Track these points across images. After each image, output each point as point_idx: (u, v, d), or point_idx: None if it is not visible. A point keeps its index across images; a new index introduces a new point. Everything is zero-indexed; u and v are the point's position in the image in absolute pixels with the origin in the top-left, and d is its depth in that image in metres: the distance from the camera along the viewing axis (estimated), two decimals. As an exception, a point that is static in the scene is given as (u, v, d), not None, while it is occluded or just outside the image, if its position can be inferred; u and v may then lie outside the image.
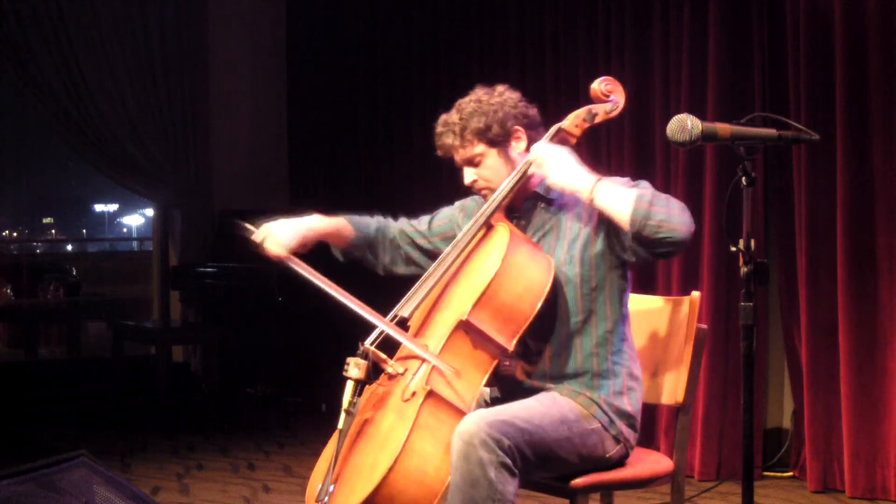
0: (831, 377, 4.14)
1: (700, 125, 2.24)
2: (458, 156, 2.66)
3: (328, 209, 2.84)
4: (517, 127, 2.63)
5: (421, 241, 2.83)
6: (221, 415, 6.09)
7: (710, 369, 4.39)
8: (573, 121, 2.65)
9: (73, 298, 8.83)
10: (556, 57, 5.18)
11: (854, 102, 4.02)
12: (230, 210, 6.98)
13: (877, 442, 4.00)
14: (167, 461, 4.97)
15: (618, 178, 2.54)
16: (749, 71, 4.37)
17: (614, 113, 2.68)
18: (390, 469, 2.28)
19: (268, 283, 5.90)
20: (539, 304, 2.48)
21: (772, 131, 2.31)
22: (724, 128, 2.27)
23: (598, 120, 2.67)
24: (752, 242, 2.27)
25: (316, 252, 2.77)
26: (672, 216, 2.38)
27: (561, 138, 2.65)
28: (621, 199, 2.42)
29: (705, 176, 4.46)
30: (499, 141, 2.61)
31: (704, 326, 2.78)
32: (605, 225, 2.52)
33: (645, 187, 2.47)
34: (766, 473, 4.43)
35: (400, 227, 2.85)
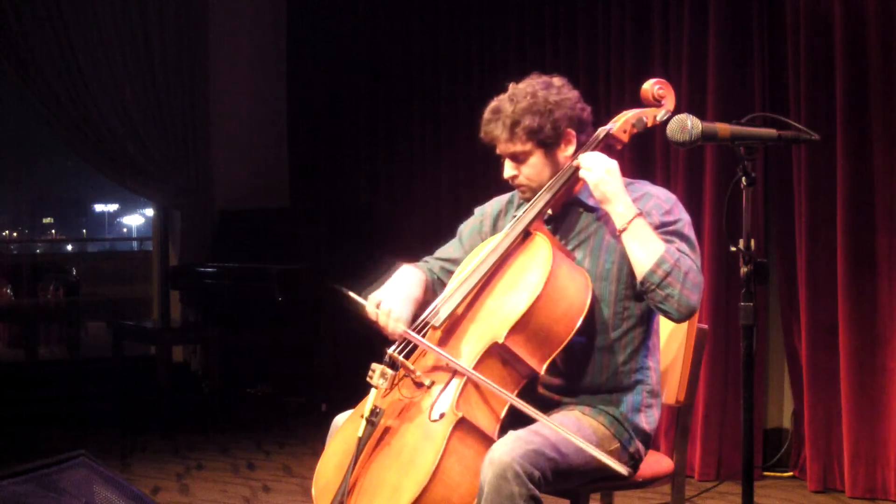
0: (831, 377, 4.14)
1: (700, 125, 2.23)
2: (503, 149, 2.54)
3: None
4: (570, 130, 2.52)
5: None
6: (221, 415, 6.09)
7: (710, 369, 4.39)
8: (622, 125, 2.55)
9: (73, 298, 8.83)
10: (557, 57, 5.19)
11: (854, 102, 4.02)
12: (230, 210, 6.99)
13: (877, 442, 4.00)
14: (167, 461, 4.97)
15: (660, 202, 2.48)
16: (749, 71, 4.36)
17: (665, 119, 2.54)
18: (418, 497, 2.23)
19: (268, 283, 5.90)
20: (577, 326, 2.41)
21: (772, 131, 2.31)
22: (724, 128, 2.26)
23: (647, 126, 2.57)
24: (752, 242, 2.26)
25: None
26: (682, 296, 2.37)
27: (607, 144, 2.55)
28: (646, 250, 2.37)
29: (705, 176, 4.46)
30: (549, 143, 2.51)
31: (704, 326, 2.78)
32: None
33: (672, 246, 2.41)
34: (766, 473, 4.43)
35: (441, 266, 2.73)
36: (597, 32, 4.97)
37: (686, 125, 2.24)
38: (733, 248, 2.28)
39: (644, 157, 4.72)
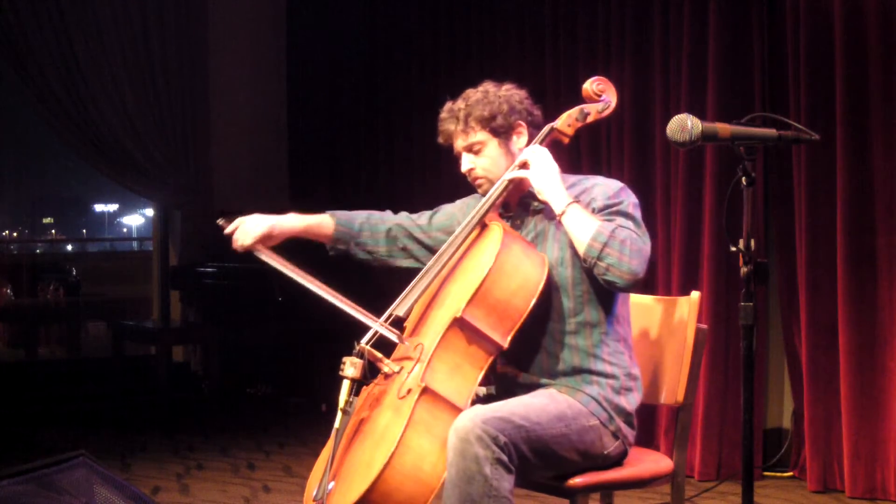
0: (831, 377, 4.14)
1: (700, 125, 2.23)
2: (459, 142, 2.69)
3: (328, 209, 2.85)
4: (520, 122, 2.67)
5: (419, 235, 2.83)
6: (221, 415, 6.09)
7: (710, 369, 4.39)
8: (566, 120, 2.69)
9: (73, 298, 8.83)
10: (556, 57, 5.19)
11: (854, 102, 4.02)
12: (230, 210, 6.99)
13: (877, 442, 4.00)
14: (167, 461, 4.97)
15: (606, 189, 2.57)
16: (749, 71, 4.37)
17: (606, 112, 2.71)
18: (386, 465, 2.29)
19: (268, 283, 5.90)
20: (533, 301, 2.50)
21: (772, 131, 2.31)
22: (724, 128, 2.27)
23: (590, 119, 2.70)
24: (752, 242, 2.26)
25: (306, 249, 2.78)
26: (622, 262, 2.43)
27: (553, 138, 2.68)
28: (583, 230, 2.47)
29: (705, 176, 4.46)
30: (501, 132, 2.65)
31: (704, 326, 2.78)
32: None
33: (612, 222, 2.48)
34: (766, 473, 4.43)
35: (397, 220, 2.87)
36: (597, 32, 4.97)
37: (686, 125, 2.24)
38: (733, 248, 2.28)
39: (644, 157, 4.73)
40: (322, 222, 2.82)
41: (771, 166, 4.40)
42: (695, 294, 2.76)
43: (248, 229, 2.74)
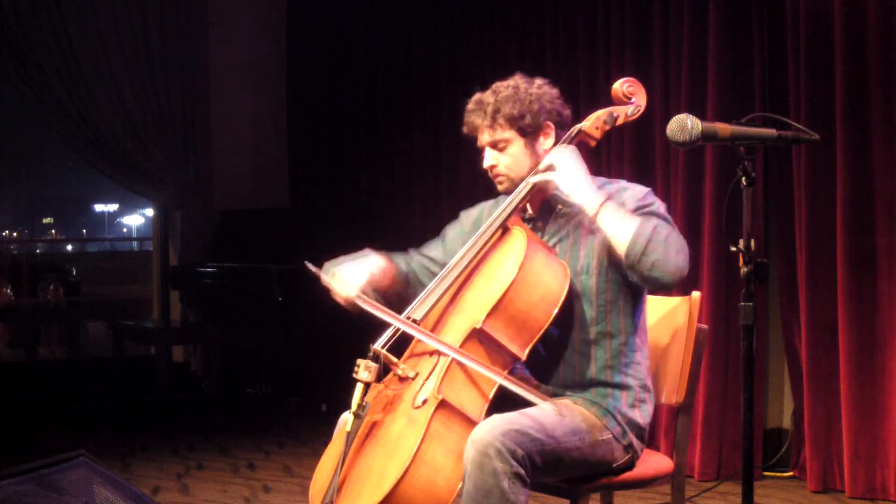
0: (831, 377, 4.14)
1: (700, 125, 2.23)
2: (484, 137, 2.61)
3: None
4: (549, 123, 2.59)
5: (436, 270, 2.74)
6: (221, 415, 6.09)
7: (710, 369, 4.39)
8: (594, 122, 2.62)
9: (73, 298, 8.83)
10: (556, 57, 5.19)
11: (854, 102, 4.02)
12: (230, 210, 6.99)
13: (877, 442, 4.00)
14: (167, 461, 4.97)
15: (634, 192, 2.52)
16: (749, 71, 4.36)
17: (636, 115, 2.64)
18: (400, 479, 2.26)
19: (268, 283, 5.90)
20: (554, 312, 2.45)
21: (772, 131, 2.31)
22: (724, 128, 2.26)
23: (619, 122, 2.63)
24: (752, 242, 2.26)
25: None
26: (668, 258, 2.36)
27: (580, 140, 2.61)
28: (622, 228, 2.40)
29: (705, 176, 4.46)
30: (529, 132, 2.57)
31: (704, 326, 2.78)
32: None
33: (649, 220, 2.41)
34: (766, 473, 4.43)
35: (420, 262, 2.79)
36: (597, 32, 4.97)
37: (686, 125, 2.23)
38: (733, 248, 2.27)
39: (644, 157, 4.73)
40: (389, 266, 2.70)
41: (771, 166, 4.40)
42: (695, 294, 2.75)
43: (349, 280, 2.58)
